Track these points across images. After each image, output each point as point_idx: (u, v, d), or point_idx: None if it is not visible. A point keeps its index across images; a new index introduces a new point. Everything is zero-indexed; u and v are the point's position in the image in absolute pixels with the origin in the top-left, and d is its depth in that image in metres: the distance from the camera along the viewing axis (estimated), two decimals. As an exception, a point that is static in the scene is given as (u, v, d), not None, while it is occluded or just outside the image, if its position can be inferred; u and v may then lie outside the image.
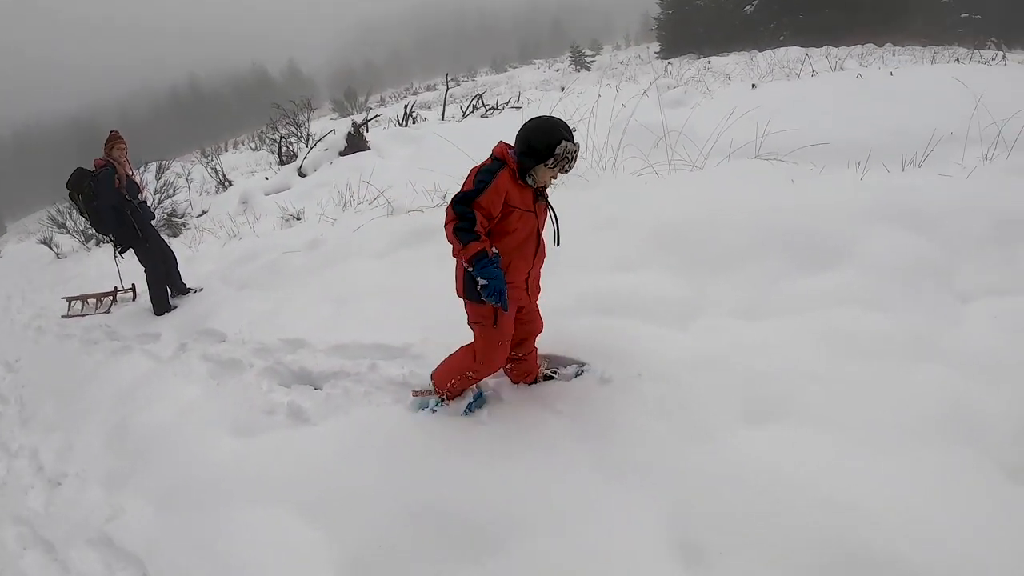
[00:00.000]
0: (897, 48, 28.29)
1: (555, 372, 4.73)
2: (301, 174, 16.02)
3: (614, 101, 11.02)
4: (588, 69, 54.30)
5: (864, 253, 5.14)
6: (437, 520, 3.80)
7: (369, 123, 19.27)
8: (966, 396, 3.94)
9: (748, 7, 54.01)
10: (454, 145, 9.82)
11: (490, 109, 19.90)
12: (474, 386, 4.58)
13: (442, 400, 4.59)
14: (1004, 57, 22.47)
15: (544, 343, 4.77)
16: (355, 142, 16.08)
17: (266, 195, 15.11)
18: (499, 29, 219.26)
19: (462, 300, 4.21)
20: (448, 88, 24.81)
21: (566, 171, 4.00)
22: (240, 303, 7.57)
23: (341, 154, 15.91)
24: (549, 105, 10.97)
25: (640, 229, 5.89)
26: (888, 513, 3.26)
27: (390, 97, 66.82)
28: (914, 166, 6.92)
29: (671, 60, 42.96)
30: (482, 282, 3.81)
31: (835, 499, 3.37)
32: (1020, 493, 3.40)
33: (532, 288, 4.39)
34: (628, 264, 5.60)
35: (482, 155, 9.14)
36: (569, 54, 66.50)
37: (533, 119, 4.01)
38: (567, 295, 5.35)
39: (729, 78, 17.33)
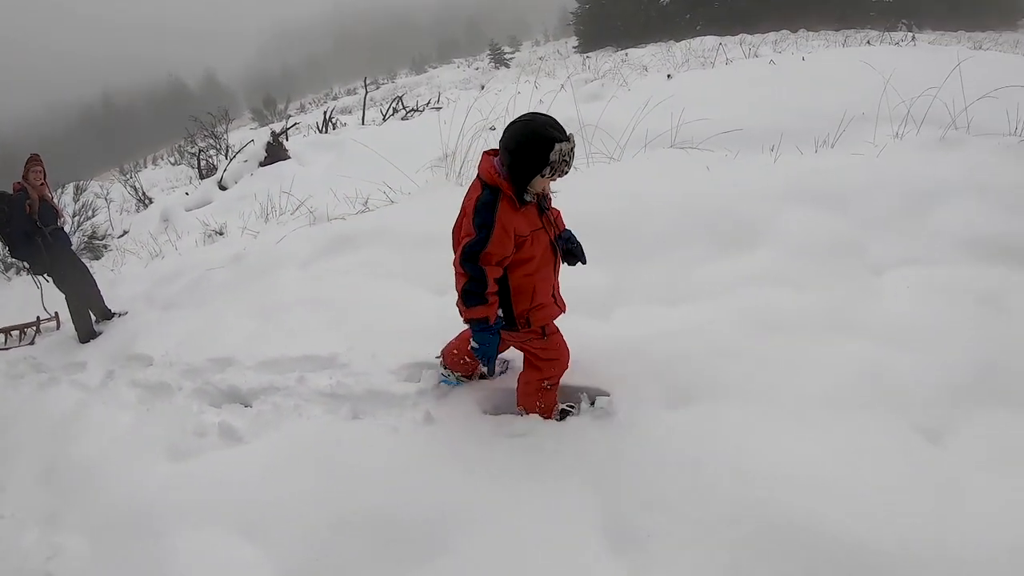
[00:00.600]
0: (811, 33, 28.96)
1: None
2: (222, 187, 15.77)
3: (531, 97, 11.08)
4: (507, 66, 54.31)
5: (780, 233, 5.27)
6: (375, 527, 3.78)
7: (288, 131, 19.09)
8: (881, 364, 4.11)
9: (665, -2, 54.71)
10: (373, 151, 9.77)
11: (410, 111, 19.84)
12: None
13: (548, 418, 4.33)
14: (913, 38, 23.13)
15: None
16: (275, 151, 15.89)
17: (187, 211, 14.83)
18: (417, 29, 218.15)
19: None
20: (367, 92, 24.65)
21: (565, 173, 3.57)
22: (166, 324, 7.38)
23: (261, 164, 15.70)
24: (466, 104, 10.91)
25: (558, 223, 5.85)
26: (810, 480, 3.39)
27: (310, 103, 66.06)
28: (827, 147, 7.11)
29: (589, 54, 43.19)
30: (473, 344, 3.79)
31: (757, 471, 3.48)
32: (936, 453, 3.57)
33: (560, 302, 4.16)
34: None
35: (404, 158, 9.18)
36: (488, 52, 66.50)
37: (515, 123, 3.50)
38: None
39: (646, 69, 17.53)
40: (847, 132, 7.26)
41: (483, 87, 24.71)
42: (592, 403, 4.34)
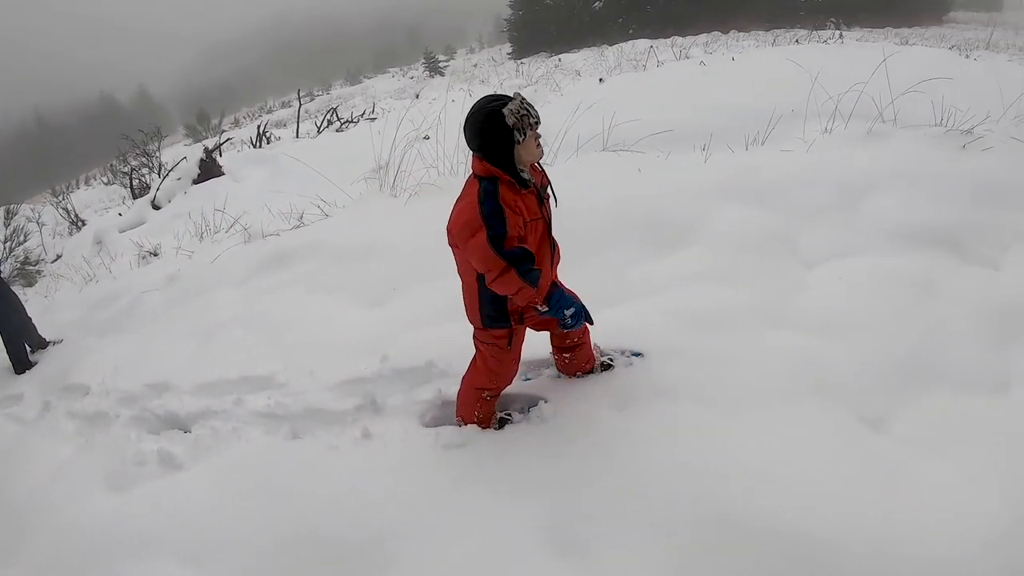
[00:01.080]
0: (742, 34, 29.41)
1: (611, 359, 4.43)
2: (155, 206, 15.40)
3: (462, 106, 11.04)
4: (442, 74, 54.13)
5: (712, 231, 5.32)
6: (319, 548, 3.73)
7: (222, 147, 18.82)
8: (818, 356, 4.19)
9: (597, 3, 55.11)
10: (306, 165, 9.67)
11: (345, 122, 19.68)
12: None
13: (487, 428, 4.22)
14: (841, 36, 23.61)
15: (404, 357, 4.74)
16: (208, 168, 15.57)
17: (121, 232, 14.43)
18: (353, 39, 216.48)
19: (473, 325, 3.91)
20: (301, 104, 24.48)
21: (537, 123, 3.42)
22: (102, 351, 7.15)
23: (195, 182, 15.35)
24: (398, 115, 10.87)
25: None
26: (756, 475, 3.43)
27: (245, 117, 65.19)
28: (757, 144, 7.20)
29: (523, 60, 43.39)
30: (569, 313, 3.61)
31: (704, 469, 3.51)
32: (873, 438, 3.68)
33: None
34: (477, 267, 5.55)
35: (338, 171, 9.10)
36: (423, 60, 66.32)
37: (465, 123, 3.40)
38: (425, 305, 5.31)
39: (579, 74, 17.65)
40: (777, 129, 7.37)
41: (418, 96, 24.63)
42: (527, 410, 4.29)
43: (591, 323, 3.78)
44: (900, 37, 27.64)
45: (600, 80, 13.26)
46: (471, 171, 3.58)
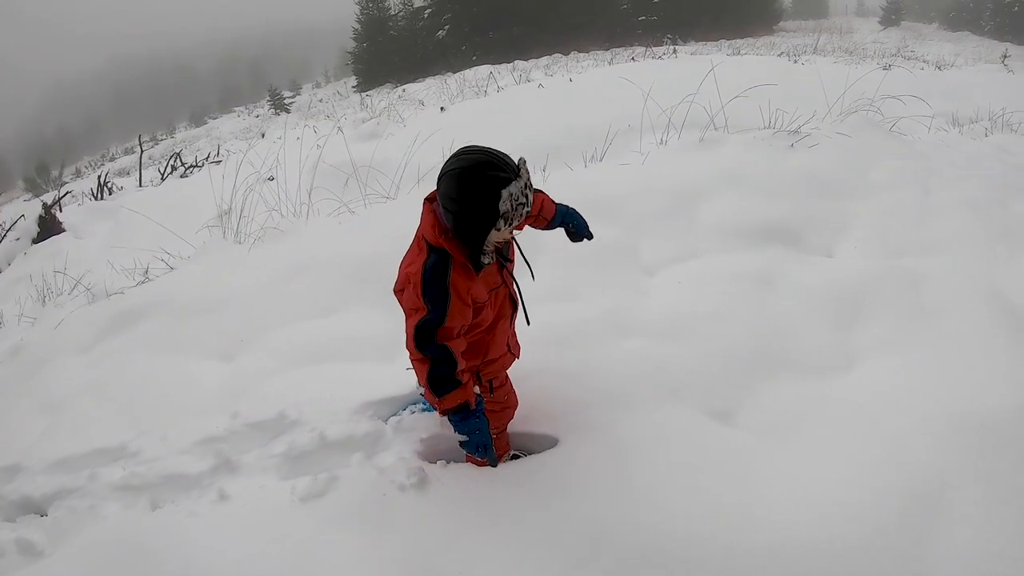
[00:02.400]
0: (582, 55, 30.21)
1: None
2: (-5, 271, 14.72)
3: (301, 143, 10.89)
4: (288, 111, 53.16)
5: (553, 248, 5.37)
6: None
7: (61, 201, 18.04)
8: (663, 359, 4.34)
9: (440, 32, 55.47)
10: (146, 216, 9.34)
11: (189, 167, 19.14)
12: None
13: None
14: (675, 51, 24.53)
15: (255, 411, 4.62)
16: (48, 225, 14.79)
17: (-41, 304, 13.74)
18: (197, 77, 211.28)
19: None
20: (143, 150, 23.71)
21: (524, 217, 2.86)
22: (-53, 438, 6.74)
23: (34, 241, 14.61)
24: (246, 155, 10.64)
25: (335, 270, 5.80)
26: (613, 480, 3.53)
27: (87, 167, 62.05)
28: (595, 161, 7.39)
29: (369, 92, 43.15)
30: (460, 438, 3.23)
31: (565, 483, 3.58)
32: (724, 431, 3.87)
33: (514, 348, 3.74)
34: (328, 308, 5.48)
35: (182, 219, 8.82)
36: (268, 98, 65.25)
37: (448, 169, 2.80)
38: (274, 353, 5.17)
39: (422, 104, 17.71)
40: (614, 145, 7.60)
41: (263, 135, 24.22)
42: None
43: (493, 464, 3.52)
44: (733, 48, 29.04)
45: (442, 109, 13.33)
46: (420, 223, 3.16)
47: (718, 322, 4.63)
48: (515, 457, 4.02)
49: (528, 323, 3.73)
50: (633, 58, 21.91)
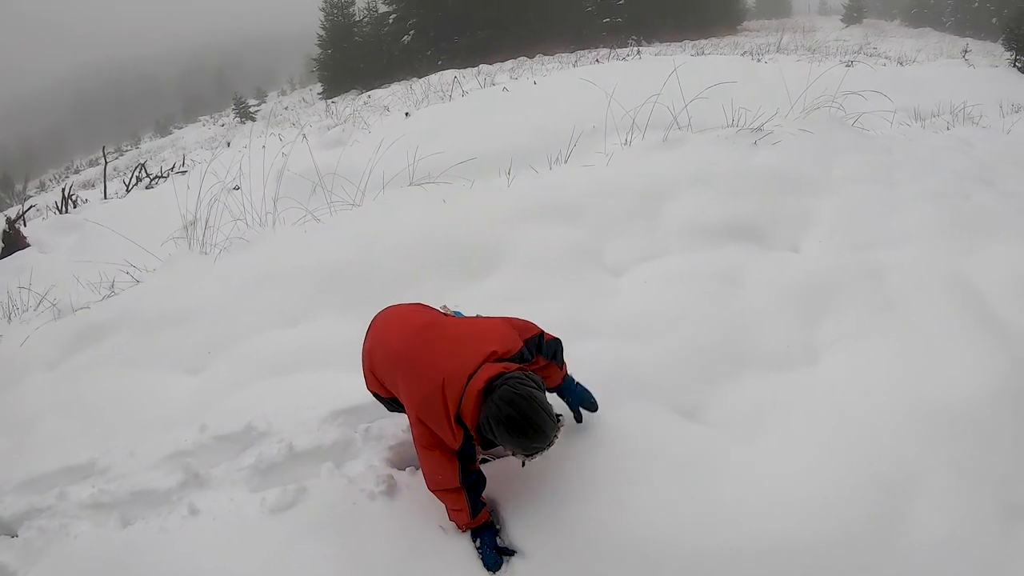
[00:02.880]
0: (547, 57, 30.22)
1: None
2: (-41, 290, 14.49)
3: (266, 152, 10.81)
4: (254, 119, 52.42)
5: (519, 251, 5.43)
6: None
7: (25, 215, 17.80)
8: (628, 359, 4.38)
9: (405, 37, 55.23)
10: (111, 229, 9.25)
11: (154, 178, 18.96)
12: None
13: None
14: (639, 52, 24.65)
15: (223, 424, 4.58)
16: (12, 240, 14.57)
17: (-76, 324, 13.52)
18: (161, 86, 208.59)
19: None
20: (108, 162, 23.38)
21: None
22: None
23: (0, 258, 14.57)
24: (212, 165, 10.55)
25: (302, 279, 5.78)
26: (577, 482, 3.57)
27: (51, 180, 61.13)
28: (560, 163, 7.41)
29: (334, 99, 42.92)
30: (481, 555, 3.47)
31: (529, 484, 3.63)
32: (692, 428, 3.91)
33: None
34: (295, 317, 5.47)
35: (148, 231, 8.74)
36: (233, 106, 64.63)
37: (516, 421, 2.98)
38: (241, 365, 5.12)
39: (387, 109, 17.64)
40: (579, 147, 7.62)
41: (229, 144, 24.04)
42: None
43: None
44: (696, 48, 29.23)
45: (407, 114, 13.31)
46: (466, 396, 3.14)
47: (684, 320, 4.66)
48: (483, 461, 3.99)
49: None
50: (598, 60, 22.03)
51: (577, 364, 4.19)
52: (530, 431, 2.99)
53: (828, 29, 49.98)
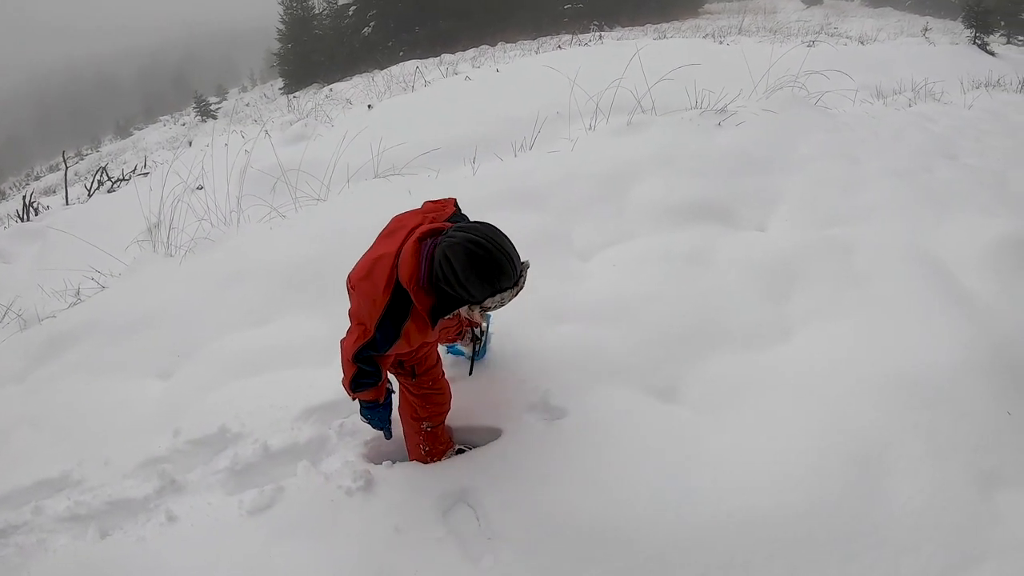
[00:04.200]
0: (509, 45, 30.14)
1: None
2: (-81, 302, 14.25)
3: (228, 149, 10.71)
4: (215, 117, 51.62)
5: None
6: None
7: (-16, 226, 17.53)
8: (600, 342, 4.39)
9: (366, 29, 54.92)
10: (73, 235, 9.12)
11: (116, 181, 18.73)
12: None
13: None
14: (601, 37, 24.72)
15: (196, 427, 4.53)
16: (-27, 252, 14.57)
17: None
18: (120, 88, 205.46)
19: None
20: (68, 167, 23.08)
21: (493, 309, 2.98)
22: None
23: (-39, 269, 14.35)
24: (174, 165, 10.43)
25: (269, 277, 5.72)
26: (550, 465, 3.62)
27: (11, 188, 60.77)
28: (525, 150, 7.38)
29: (296, 94, 42.52)
30: (362, 418, 3.54)
31: (509, 468, 3.65)
32: (666, 408, 3.94)
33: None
34: (264, 316, 5.41)
35: (112, 236, 8.63)
36: (194, 105, 63.95)
37: (468, 247, 2.76)
38: (212, 366, 5.05)
39: (350, 102, 17.50)
40: (543, 133, 7.62)
41: (191, 143, 23.80)
42: None
43: (389, 437, 3.68)
44: (659, 31, 29.28)
45: (369, 107, 13.22)
46: (402, 253, 3.01)
47: (655, 302, 4.68)
48: (460, 451, 4.01)
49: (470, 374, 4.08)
50: (560, 46, 21.99)
51: (548, 348, 4.20)
52: (497, 257, 2.81)
53: (789, 10, 50.21)
